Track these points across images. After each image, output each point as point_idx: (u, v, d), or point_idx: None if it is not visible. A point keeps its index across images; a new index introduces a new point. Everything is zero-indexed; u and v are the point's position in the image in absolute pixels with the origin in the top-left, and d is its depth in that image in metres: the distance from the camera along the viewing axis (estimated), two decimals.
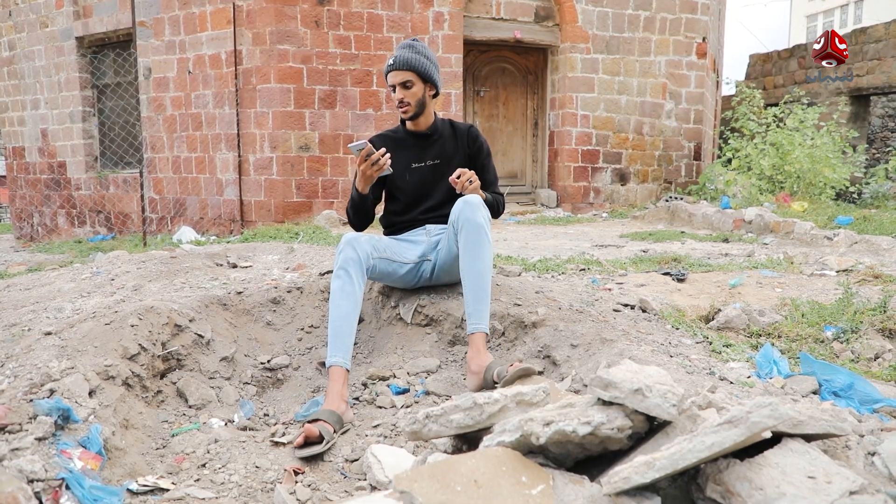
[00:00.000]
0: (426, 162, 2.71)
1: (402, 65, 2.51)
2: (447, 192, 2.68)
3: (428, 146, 2.72)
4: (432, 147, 2.72)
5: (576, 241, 5.93)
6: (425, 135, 2.71)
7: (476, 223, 2.32)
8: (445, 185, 2.65)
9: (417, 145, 2.71)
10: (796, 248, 5.11)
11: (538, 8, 8.29)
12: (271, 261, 3.34)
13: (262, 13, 7.28)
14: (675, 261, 4.27)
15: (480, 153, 2.77)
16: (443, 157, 2.71)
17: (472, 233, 2.33)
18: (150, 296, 2.57)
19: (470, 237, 2.33)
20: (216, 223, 7.87)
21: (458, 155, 2.73)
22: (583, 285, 3.37)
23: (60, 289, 2.87)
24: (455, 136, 2.75)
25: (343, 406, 2.06)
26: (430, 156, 2.71)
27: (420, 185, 2.72)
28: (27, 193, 9.66)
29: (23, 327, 2.35)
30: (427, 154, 2.72)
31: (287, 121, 7.36)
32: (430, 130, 2.70)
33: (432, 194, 2.73)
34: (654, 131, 8.83)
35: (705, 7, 8.89)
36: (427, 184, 2.72)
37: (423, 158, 2.71)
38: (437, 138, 2.73)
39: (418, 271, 2.66)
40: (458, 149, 2.74)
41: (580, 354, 2.21)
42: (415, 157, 2.71)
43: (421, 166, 2.71)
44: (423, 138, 2.71)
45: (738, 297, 3.31)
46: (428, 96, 2.61)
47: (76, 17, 8.60)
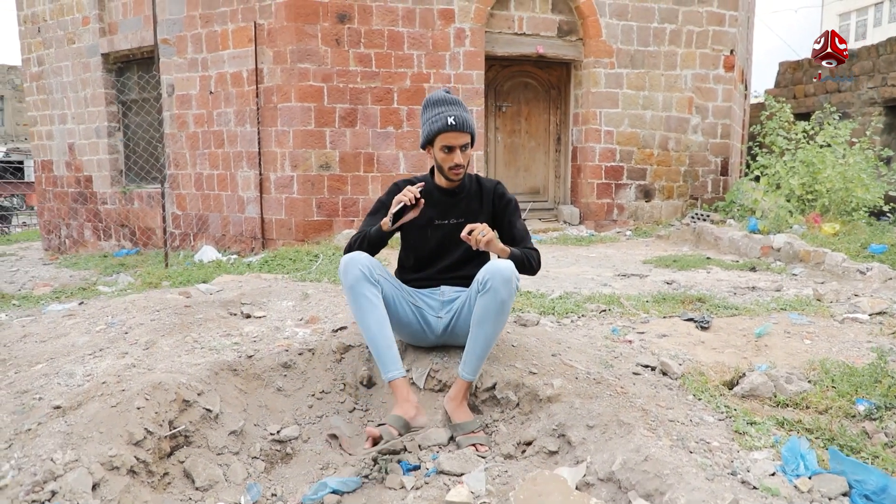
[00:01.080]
0: (450, 220, 2.61)
1: (465, 126, 2.42)
2: (466, 253, 2.62)
3: (454, 204, 2.62)
4: (458, 205, 2.62)
5: (598, 267, 5.82)
6: (453, 192, 2.61)
7: (500, 300, 2.27)
8: (466, 245, 2.53)
9: (443, 202, 2.61)
10: (827, 283, 4.94)
11: (561, 22, 8.16)
12: (285, 309, 3.31)
13: (282, 32, 7.27)
14: (700, 301, 4.15)
15: (507, 210, 2.65)
16: (468, 217, 2.59)
17: (493, 304, 2.28)
18: (161, 358, 2.55)
19: (490, 308, 2.28)
20: (238, 240, 7.90)
21: (484, 214, 2.63)
22: (602, 337, 3.28)
23: (75, 343, 2.87)
24: (481, 193, 2.65)
25: (412, 411, 2.29)
26: (454, 214, 2.61)
27: (440, 244, 2.64)
28: (55, 206, 9.81)
29: (33, 395, 2.34)
30: (452, 212, 2.61)
31: (308, 139, 7.35)
32: (458, 188, 2.61)
33: (451, 253, 2.65)
34: (679, 146, 8.65)
35: (733, 19, 8.68)
36: (447, 243, 2.63)
37: (447, 216, 2.61)
38: (463, 196, 2.62)
39: (426, 322, 2.59)
40: (483, 207, 2.64)
41: (596, 437, 2.13)
42: (438, 214, 2.61)
43: (444, 224, 2.61)
44: (450, 195, 2.61)
45: (764, 352, 3.19)
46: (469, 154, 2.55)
47: (102, 34, 8.69)
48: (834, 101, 11.32)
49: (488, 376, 2.53)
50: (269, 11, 7.33)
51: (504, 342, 2.85)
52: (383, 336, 2.31)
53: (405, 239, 2.69)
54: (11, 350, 2.92)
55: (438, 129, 2.42)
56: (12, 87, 24.11)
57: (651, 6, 8.28)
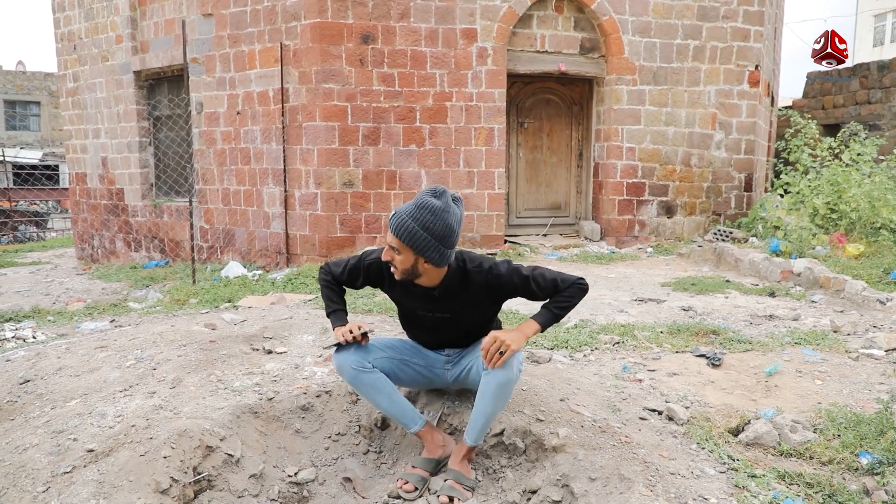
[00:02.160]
0: (434, 314, 2.49)
1: (393, 228, 2.24)
2: (463, 334, 2.58)
3: (434, 301, 2.44)
4: (439, 302, 2.44)
5: (616, 290, 5.86)
6: (429, 292, 2.41)
7: (498, 382, 2.28)
8: (462, 331, 2.54)
9: (423, 296, 2.44)
10: (846, 311, 4.93)
11: (584, 40, 8.20)
12: (305, 344, 3.44)
13: (308, 53, 7.43)
14: (714, 333, 4.18)
15: (504, 288, 2.41)
16: (452, 313, 2.47)
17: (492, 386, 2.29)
18: (186, 399, 2.69)
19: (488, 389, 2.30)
20: (263, 254, 8.09)
21: (474, 306, 2.46)
22: (613, 375, 3.35)
23: (106, 379, 3.03)
24: (468, 288, 2.41)
25: (439, 451, 2.51)
26: (438, 309, 2.47)
27: (430, 328, 2.57)
28: (88, 217, 10.13)
29: (69, 435, 2.50)
30: (436, 308, 2.47)
31: (332, 158, 7.51)
32: (435, 290, 2.40)
33: (447, 336, 2.59)
34: (702, 163, 8.63)
35: (758, 34, 8.62)
36: (438, 329, 2.56)
37: (430, 310, 2.48)
38: (440, 296, 2.41)
39: (434, 374, 2.61)
40: (477, 297, 2.43)
41: (598, 490, 2.21)
42: (420, 306, 2.49)
43: (428, 316, 2.51)
44: (428, 293, 2.42)
45: (773, 393, 3.23)
46: (422, 265, 2.29)
47: (134, 52, 8.95)
48: (864, 112, 11.17)
49: (497, 422, 2.62)
50: (294, 33, 7.50)
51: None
52: (396, 404, 2.43)
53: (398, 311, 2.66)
54: (48, 383, 3.09)
55: None
56: (48, 93, 24.81)
57: (674, 23, 8.28)
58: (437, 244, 2.22)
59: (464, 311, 2.47)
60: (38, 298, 7.68)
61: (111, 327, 5.39)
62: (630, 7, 8.11)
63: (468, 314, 2.49)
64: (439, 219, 2.20)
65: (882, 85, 10.74)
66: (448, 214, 2.22)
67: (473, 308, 2.47)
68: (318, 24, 7.34)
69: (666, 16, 8.23)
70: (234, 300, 5.91)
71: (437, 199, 2.22)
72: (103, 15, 9.23)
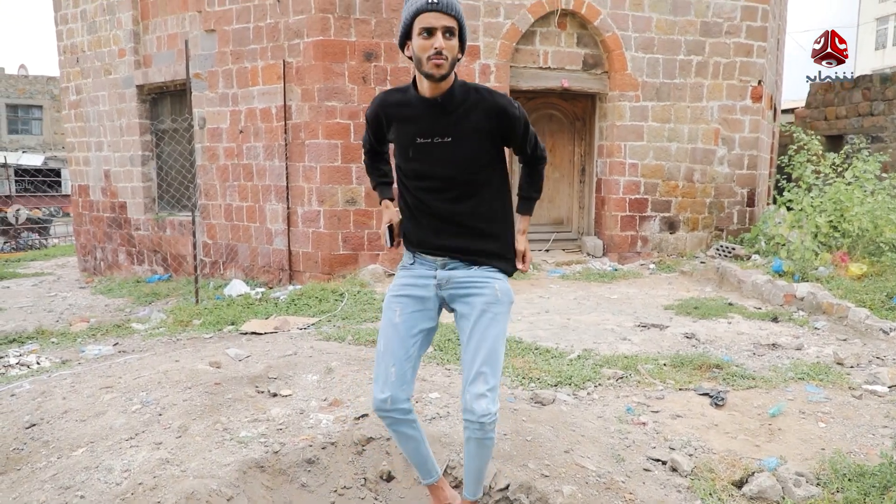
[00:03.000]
0: (434, 138, 2.14)
1: (448, 7, 2.00)
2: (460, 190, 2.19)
3: (439, 117, 2.13)
4: (440, 118, 2.13)
5: (619, 314, 5.86)
6: (438, 103, 2.11)
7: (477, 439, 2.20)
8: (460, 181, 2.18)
9: (426, 116, 2.14)
10: (849, 340, 4.93)
11: (586, 56, 8.20)
12: (310, 385, 3.45)
13: (310, 70, 7.43)
14: (717, 367, 4.19)
15: (510, 122, 2.18)
16: (457, 135, 2.13)
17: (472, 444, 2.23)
18: (193, 453, 2.70)
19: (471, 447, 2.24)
20: (265, 271, 8.10)
21: (482, 132, 2.15)
22: (616, 418, 3.35)
23: (112, 425, 3.04)
24: (474, 107, 2.14)
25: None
26: (438, 131, 2.13)
27: (425, 173, 2.19)
28: (91, 230, 10.14)
29: (76, 492, 2.51)
30: (436, 127, 2.14)
31: (334, 176, 7.51)
32: (445, 99, 2.11)
33: (441, 189, 2.19)
34: (705, 178, 8.63)
35: (761, 49, 8.62)
36: (431, 170, 2.18)
37: (431, 133, 2.14)
38: (452, 108, 2.12)
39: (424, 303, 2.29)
40: (481, 123, 2.14)
41: None
42: (420, 130, 2.16)
43: (427, 143, 2.15)
44: (435, 107, 2.12)
45: (777, 437, 3.24)
46: (457, 56, 2.09)
47: (137, 66, 8.96)
48: (866, 124, 11.16)
49: (502, 476, 2.63)
50: (297, 50, 7.50)
51: (519, 434, 2.95)
52: (420, 455, 2.39)
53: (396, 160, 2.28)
54: (54, 428, 3.11)
55: (415, 11, 2.02)
56: (51, 97, 24.81)
57: (677, 38, 8.27)
58: (465, 26, 2.10)
59: (465, 136, 2.14)
60: (41, 315, 7.70)
61: (115, 352, 5.41)
62: (633, 23, 8.10)
63: (468, 144, 2.15)
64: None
65: (885, 97, 10.73)
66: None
67: (475, 134, 2.14)
68: (320, 42, 7.34)
69: (669, 32, 8.23)
70: (237, 323, 5.92)
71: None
72: (106, 28, 9.23)
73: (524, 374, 3.96)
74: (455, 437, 2.86)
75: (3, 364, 5.07)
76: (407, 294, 2.29)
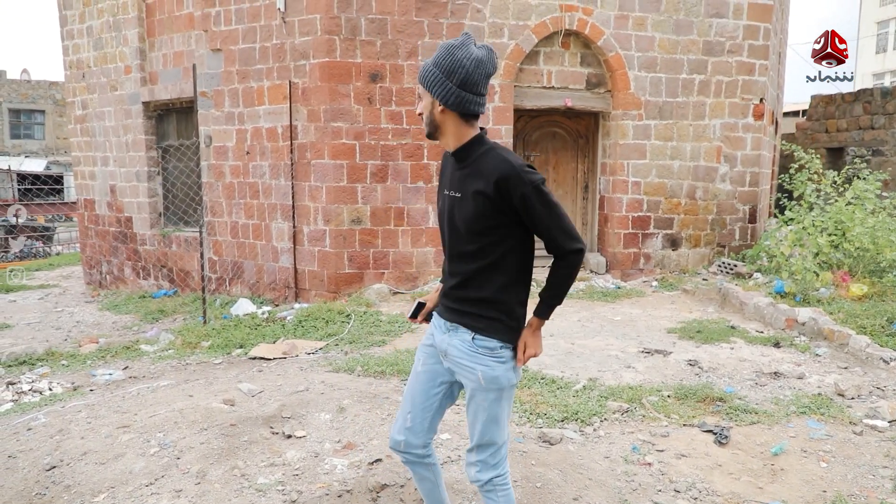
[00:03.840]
0: (451, 192, 2.16)
1: (419, 78, 2.13)
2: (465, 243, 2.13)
3: (456, 169, 2.16)
4: (456, 171, 2.15)
5: (623, 338, 5.94)
6: (458, 157, 2.15)
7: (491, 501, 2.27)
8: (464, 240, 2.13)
9: (450, 167, 2.21)
10: (850, 369, 5.01)
11: (590, 75, 8.27)
12: (323, 425, 3.52)
13: (316, 91, 7.50)
14: (720, 401, 4.26)
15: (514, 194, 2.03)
16: (462, 193, 2.11)
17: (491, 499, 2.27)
18: (212, 502, 2.77)
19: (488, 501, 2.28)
20: (271, 288, 8.17)
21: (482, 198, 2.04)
22: (623, 459, 3.42)
23: (132, 470, 3.11)
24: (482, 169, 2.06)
25: None
26: (454, 185, 2.15)
27: (440, 219, 2.24)
28: (96, 243, 10.21)
29: None
30: (452, 181, 2.16)
31: (340, 195, 7.58)
32: (461, 155, 2.13)
33: (453, 241, 2.17)
34: (707, 195, 8.70)
35: (763, 68, 8.68)
36: (443, 219, 2.21)
37: (450, 186, 2.17)
38: (458, 160, 2.15)
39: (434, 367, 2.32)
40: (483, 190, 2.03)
41: None
42: (446, 184, 2.21)
43: (445, 195, 2.19)
44: (456, 160, 2.16)
45: (780, 478, 3.31)
46: (437, 113, 2.08)
47: (143, 83, 9.02)
48: (867, 137, 11.23)
49: None
50: (303, 71, 7.57)
51: (529, 480, 3.03)
52: (433, 498, 2.45)
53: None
54: (74, 472, 3.18)
55: None
56: (53, 102, 24.88)
57: (680, 58, 8.34)
58: (445, 79, 2.04)
59: (467, 196, 2.08)
60: (49, 333, 7.78)
61: (125, 377, 5.48)
62: (636, 43, 8.17)
63: (470, 205, 2.07)
64: (449, 53, 2.05)
65: (885, 111, 10.79)
66: (459, 50, 2.05)
67: (478, 196, 2.04)
68: (326, 64, 7.41)
69: (671, 51, 8.30)
70: (245, 346, 6.00)
71: (456, 39, 2.09)
72: (112, 45, 9.30)
73: (531, 410, 4.03)
74: (467, 485, 2.94)
75: (17, 391, 5.15)
76: (431, 344, 2.33)
